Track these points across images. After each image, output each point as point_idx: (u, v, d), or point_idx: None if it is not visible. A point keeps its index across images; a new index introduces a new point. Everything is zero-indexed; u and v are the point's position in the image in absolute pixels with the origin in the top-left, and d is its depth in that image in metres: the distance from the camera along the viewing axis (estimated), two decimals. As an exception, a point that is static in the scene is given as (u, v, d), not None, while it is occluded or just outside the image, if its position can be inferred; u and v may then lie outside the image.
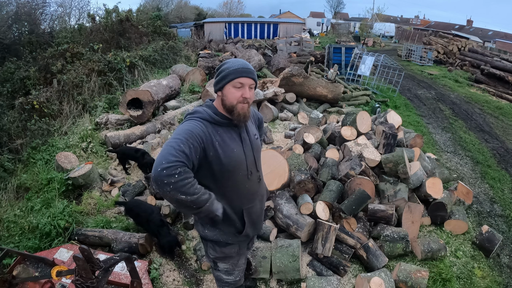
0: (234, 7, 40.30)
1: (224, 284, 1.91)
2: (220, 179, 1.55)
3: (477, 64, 13.15)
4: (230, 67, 1.49)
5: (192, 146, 1.38)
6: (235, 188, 1.60)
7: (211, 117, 1.51)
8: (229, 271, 1.85)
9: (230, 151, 1.52)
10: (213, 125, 1.51)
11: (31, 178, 4.07)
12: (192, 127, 1.44)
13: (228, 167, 1.52)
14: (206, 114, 1.51)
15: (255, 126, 1.80)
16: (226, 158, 1.50)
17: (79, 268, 1.55)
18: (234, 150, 1.53)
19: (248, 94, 1.50)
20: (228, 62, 1.52)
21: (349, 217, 3.06)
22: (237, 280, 1.91)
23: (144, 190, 3.88)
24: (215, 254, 1.77)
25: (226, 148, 1.51)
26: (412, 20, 47.93)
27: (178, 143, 1.35)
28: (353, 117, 4.23)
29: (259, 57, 9.80)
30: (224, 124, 1.54)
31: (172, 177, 1.28)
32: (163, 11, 22.36)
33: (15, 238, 2.97)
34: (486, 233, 3.18)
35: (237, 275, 1.89)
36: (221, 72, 1.51)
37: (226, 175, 1.54)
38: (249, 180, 1.64)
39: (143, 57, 9.45)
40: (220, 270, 1.84)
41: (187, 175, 1.33)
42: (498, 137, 6.43)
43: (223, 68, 1.52)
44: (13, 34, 10.03)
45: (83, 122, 5.78)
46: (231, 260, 1.81)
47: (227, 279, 1.88)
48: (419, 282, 2.56)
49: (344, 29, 29.91)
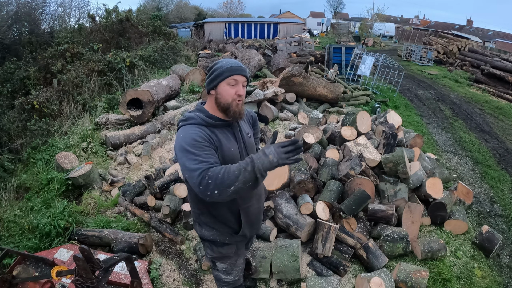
0: (234, 7, 40.34)
1: (223, 283, 1.92)
2: None
3: (477, 64, 13.15)
4: (223, 66, 1.50)
5: (204, 146, 1.40)
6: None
7: (204, 120, 1.51)
8: (228, 271, 1.86)
9: (228, 151, 1.54)
10: (208, 128, 1.52)
11: (31, 178, 4.07)
12: (193, 134, 1.43)
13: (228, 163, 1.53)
14: (199, 119, 1.51)
15: (248, 125, 1.81)
16: (224, 158, 1.51)
17: (79, 268, 1.55)
18: (231, 149, 1.56)
19: (242, 91, 1.52)
20: (221, 62, 1.54)
21: (349, 217, 3.06)
22: (236, 279, 1.92)
23: (144, 190, 3.88)
24: (212, 254, 1.79)
25: (223, 148, 1.52)
26: (412, 20, 47.88)
27: (190, 159, 1.35)
28: (353, 117, 4.23)
29: (259, 57, 9.79)
30: (219, 125, 1.55)
31: (211, 184, 1.27)
32: (163, 11, 22.34)
33: (15, 238, 2.97)
34: (486, 233, 3.18)
35: (235, 274, 1.90)
36: (215, 71, 1.52)
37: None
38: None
39: (143, 57, 9.45)
40: (219, 270, 1.86)
41: (215, 171, 1.29)
42: (498, 137, 6.43)
43: (216, 67, 1.53)
44: (13, 34, 10.01)
45: (83, 122, 5.78)
46: (229, 260, 1.82)
47: (226, 279, 1.89)
48: (419, 282, 2.56)
49: (344, 29, 29.87)
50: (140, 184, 3.87)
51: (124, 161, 4.69)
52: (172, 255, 3.02)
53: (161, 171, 3.87)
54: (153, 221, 3.33)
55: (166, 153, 4.97)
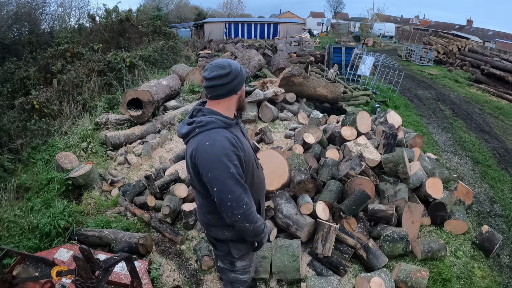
0: (234, 7, 40.32)
1: (240, 284, 1.93)
2: (245, 174, 1.61)
3: (477, 64, 13.14)
4: (241, 69, 1.59)
5: (237, 162, 1.48)
6: (253, 180, 1.69)
7: (224, 122, 1.53)
8: (246, 268, 1.89)
9: (247, 148, 1.63)
10: (228, 130, 1.55)
11: (31, 178, 4.07)
12: (222, 143, 1.45)
13: (248, 161, 1.61)
14: (220, 122, 1.52)
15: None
16: (245, 153, 1.59)
17: (79, 268, 1.55)
18: (247, 145, 1.66)
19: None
20: (235, 64, 1.56)
21: (349, 217, 3.06)
22: (251, 277, 1.98)
23: (144, 190, 3.88)
24: (239, 253, 1.78)
25: (242, 144, 1.59)
26: (412, 20, 47.91)
27: (228, 176, 1.44)
28: (353, 117, 4.23)
29: (259, 57, 9.79)
30: (233, 124, 1.62)
31: (241, 208, 1.46)
32: (163, 11, 22.32)
33: (15, 238, 2.97)
34: (486, 233, 3.18)
35: (252, 271, 1.96)
36: (240, 74, 1.56)
37: (247, 169, 1.61)
38: (259, 170, 1.78)
39: (143, 57, 9.44)
40: (237, 270, 1.86)
41: (248, 201, 1.49)
42: (498, 137, 6.43)
43: (240, 71, 1.56)
44: (13, 34, 10.01)
45: (83, 122, 5.78)
46: (249, 256, 1.87)
47: (243, 278, 1.91)
48: (419, 282, 2.56)
49: (344, 29, 29.87)
50: (140, 184, 3.87)
51: (124, 161, 4.69)
52: (172, 255, 3.02)
53: (161, 171, 3.88)
54: (153, 221, 3.33)
55: (166, 153, 4.97)
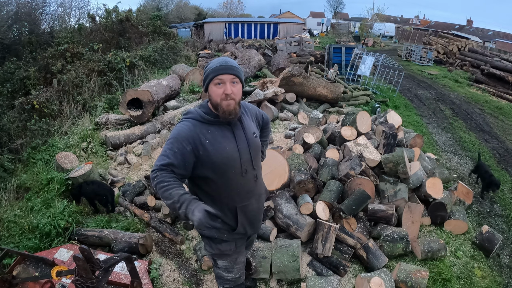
0: (234, 7, 40.26)
1: (224, 281, 1.93)
2: (214, 175, 1.58)
3: (477, 64, 13.14)
4: (210, 67, 1.56)
5: (177, 149, 1.49)
6: (228, 185, 1.62)
7: (201, 116, 1.59)
8: (228, 269, 1.87)
9: (222, 149, 1.56)
10: (203, 124, 1.58)
11: (31, 178, 4.07)
12: (179, 130, 1.55)
13: (220, 164, 1.56)
14: (196, 114, 1.60)
15: (255, 124, 1.80)
16: (216, 155, 1.55)
17: (79, 268, 1.55)
18: (226, 147, 1.57)
19: (229, 89, 1.52)
20: (210, 63, 1.59)
21: (349, 217, 3.06)
22: (237, 277, 1.93)
23: (144, 190, 3.88)
24: (211, 251, 1.80)
25: (217, 145, 1.55)
26: (412, 20, 47.88)
27: (165, 149, 1.51)
28: (353, 117, 4.23)
29: (259, 57, 9.79)
30: (216, 122, 1.59)
31: (154, 180, 1.46)
32: (163, 11, 22.32)
33: (15, 238, 2.97)
34: (486, 233, 3.18)
35: (236, 272, 1.91)
36: (204, 73, 1.59)
37: (218, 172, 1.58)
38: (244, 178, 1.65)
39: (143, 57, 9.44)
40: (219, 267, 1.87)
41: (163, 179, 1.43)
42: (498, 137, 6.43)
43: (206, 69, 1.59)
44: (13, 34, 9.99)
45: (83, 122, 5.78)
46: (228, 258, 1.83)
47: (227, 276, 1.90)
48: (419, 282, 2.56)
49: (344, 29, 29.84)
50: (140, 184, 3.87)
51: (124, 161, 4.69)
52: (172, 255, 3.02)
53: (161, 171, 3.87)
54: (153, 221, 3.33)
55: (166, 153, 4.96)
